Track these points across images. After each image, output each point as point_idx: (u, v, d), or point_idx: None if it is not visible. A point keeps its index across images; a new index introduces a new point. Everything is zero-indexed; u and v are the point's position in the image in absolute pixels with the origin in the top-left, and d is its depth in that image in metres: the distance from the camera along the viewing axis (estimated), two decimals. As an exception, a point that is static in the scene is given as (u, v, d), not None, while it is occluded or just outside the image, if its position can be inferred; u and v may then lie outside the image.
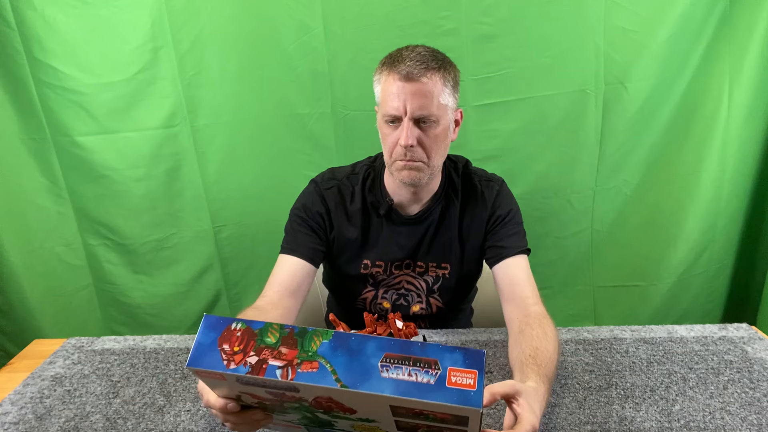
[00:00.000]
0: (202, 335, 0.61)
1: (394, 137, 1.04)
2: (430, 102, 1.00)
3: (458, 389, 0.55)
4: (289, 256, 1.12)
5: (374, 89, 1.08)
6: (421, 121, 1.02)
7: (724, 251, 1.90)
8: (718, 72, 1.70)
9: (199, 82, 1.72)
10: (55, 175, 1.79)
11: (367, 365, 0.57)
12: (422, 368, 0.57)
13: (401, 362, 0.57)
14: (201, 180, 1.83)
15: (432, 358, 0.57)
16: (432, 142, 1.04)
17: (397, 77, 1.00)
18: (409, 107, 1.00)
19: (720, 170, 1.78)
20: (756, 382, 0.96)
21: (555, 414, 0.89)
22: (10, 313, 1.88)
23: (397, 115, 1.01)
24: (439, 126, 1.03)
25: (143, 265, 1.92)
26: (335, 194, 1.17)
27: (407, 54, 1.01)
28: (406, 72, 0.99)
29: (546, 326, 0.96)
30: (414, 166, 1.05)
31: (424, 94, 1.00)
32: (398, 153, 1.04)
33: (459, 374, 0.56)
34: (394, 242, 1.17)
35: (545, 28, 1.65)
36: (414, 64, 0.99)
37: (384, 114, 1.03)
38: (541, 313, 1.01)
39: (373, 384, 0.56)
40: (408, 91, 0.99)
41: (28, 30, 1.64)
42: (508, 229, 1.16)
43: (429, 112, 1.01)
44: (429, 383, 0.56)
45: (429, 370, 0.57)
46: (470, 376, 0.56)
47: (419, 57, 1.00)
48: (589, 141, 1.77)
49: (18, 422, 0.93)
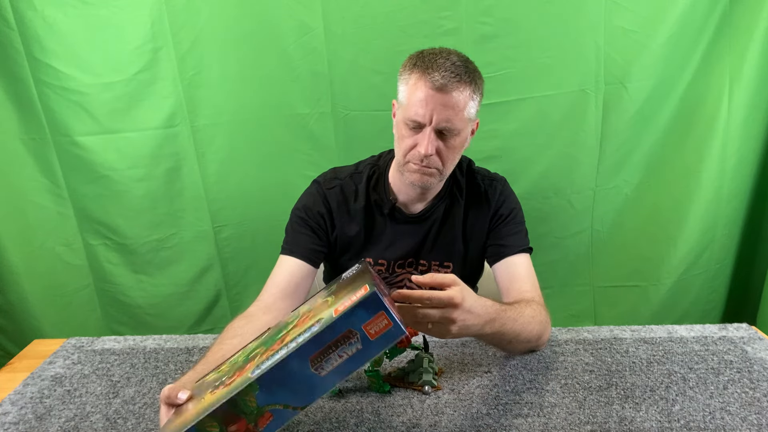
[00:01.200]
0: None
1: (412, 140, 1.03)
2: (455, 115, 0.99)
3: (381, 335, 0.61)
4: (288, 257, 1.12)
5: (398, 85, 1.06)
6: (443, 131, 1.01)
7: (724, 251, 1.90)
8: (718, 72, 1.70)
9: (199, 82, 1.72)
10: (55, 175, 1.80)
11: (305, 379, 0.62)
12: (345, 344, 0.62)
13: (327, 354, 0.62)
14: (201, 180, 1.83)
15: (345, 332, 0.62)
16: (450, 152, 1.04)
17: (429, 85, 0.98)
18: (436, 118, 0.99)
19: (720, 170, 1.78)
20: (756, 382, 0.96)
21: (555, 414, 0.89)
22: (11, 312, 1.88)
23: (421, 123, 1.01)
24: (459, 137, 1.03)
25: (143, 265, 1.92)
26: (338, 194, 1.17)
27: (441, 62, 0.99)
28: (440, 84, 0.97)
29: (536, 309, 0.99)
30: (428, 172, 1.05)
31: (452, 107, 0.99)
32: (414, 156, 1.04)
33: (372, 324, 0.62)
34: (397, 241, 1.17)
35: (545, 28, 1.65)
36: (448, 75, 0.97)
37: (407, 117, 1.02)
38: (537, 301, 1.02)
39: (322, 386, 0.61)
40: (437, 102, 0.98)
41: (29, 30, 1.64)
42: (510, 228, 1.16)
43: (453, 125, 1.00)
44: (359, 350, 0.61)
45: (351, 341, 0.62)
46: (382, 320, 0.62)
47: (454, 68, 0.98)
48: (589, 141, 1.77)
49: (18, 422, 0.93)
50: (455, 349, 1.08)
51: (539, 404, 0.91)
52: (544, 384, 0.96)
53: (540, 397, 0.93)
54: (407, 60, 1.04)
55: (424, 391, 0.94)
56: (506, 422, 0.87)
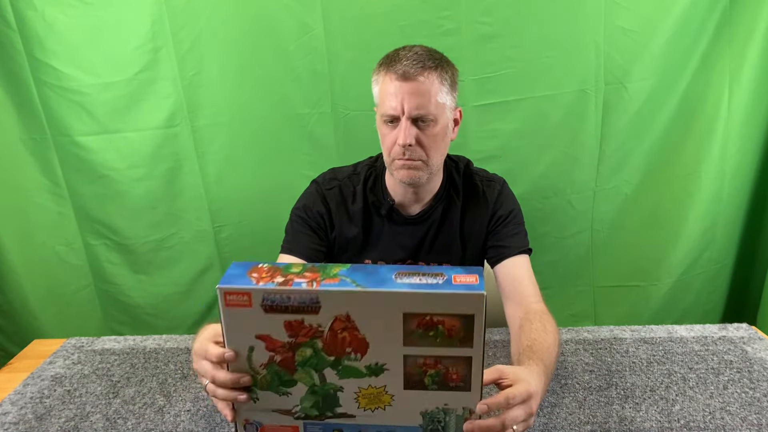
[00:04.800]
0: (232, 270, 0.67)
1: (392, 137, 1.04)
2: (427, 101, 1.00)
3: (463, 284, 0.65)
4: (288, 256, 1.12)
5: (373, 90, 1.08)
6: (419, 120, 1.02)
7: (724, 251, 1.90)
8: (718, 72, 1.70)
9: (199, 82, 1.72)
10: (55, 175, 1.80)
11: (383, 277, 0.66)
12: (431, 276, 0.67)
13: (412, 274, 0.67)
14: (201, 180, 1.83)
15: (438, 272, 0.67)
16: (430, 141, 1.04)
17: (394, 77, 1.00)
18: (407, 106, 1.00)
19: (720, 170, 1.78)
20: (756, 382, 0.96)
21: (555, 414, 0.89)
22: (11, 312, 1.88)
23: (395, 115, 1.02)
24: (438, 125, 1.03)
25: (143, 264, 1.92)
26: (336, 194, 1.17)
27: (404, 53, 1.01)
28: (402, 71, 0.99)
29: (546, 321, 0.97)
30: (413, 165, 1.05)
31: (421, 93, 1.00)
32: (397, 152, 1.04)
33: (462, 277, 0.66)
34: (395, 242, 1.17)
35: (545, 28, 1.65)
36: (411, 63, 0.99)
37: (382, 114, 1.04)
38: (541, 310, 1.01)
39: (389, 286, 0.65)
40: (405, 91, 1.00)
41: (29, 30, 1.64)
42: (510, 229, 1.16)
43: (426, 111, 1.01)
44: (438, 283, 0.65)
45: (437, 277, 0.66)
46: (472, 277, 0.66)
47: (416, 56, 1.00)
48: (589, 141, 1.77)
49: (18, 422, 0.93)
50: (455, 349, 1.08)
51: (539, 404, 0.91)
52: (544, 384, 0.96)
53: (540, 397, 0.93)
54: (376, 65, 1.07)
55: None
56: (506, 422, 0.87)
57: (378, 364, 0.69)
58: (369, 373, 0.69)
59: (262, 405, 0.72)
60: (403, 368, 0.69)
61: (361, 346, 0.68)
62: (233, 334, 0.68)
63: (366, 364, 0.69)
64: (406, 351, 0.68)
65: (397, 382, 0.70)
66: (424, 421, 0.72)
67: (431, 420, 0.71)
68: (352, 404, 0.71)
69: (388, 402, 0.71)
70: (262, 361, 0.69)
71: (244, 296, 0.65)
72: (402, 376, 0.69)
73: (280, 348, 0.68)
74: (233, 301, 0.66)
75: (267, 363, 0.69)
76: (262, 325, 0.67)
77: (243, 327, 0.67)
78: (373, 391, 0.70)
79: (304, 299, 0.65)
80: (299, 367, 0.69)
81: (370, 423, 0.72)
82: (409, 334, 0.67)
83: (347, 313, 0.66)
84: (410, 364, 0.69)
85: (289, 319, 0.66)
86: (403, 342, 0.67)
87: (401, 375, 0.69)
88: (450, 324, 0.66)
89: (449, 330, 0.66)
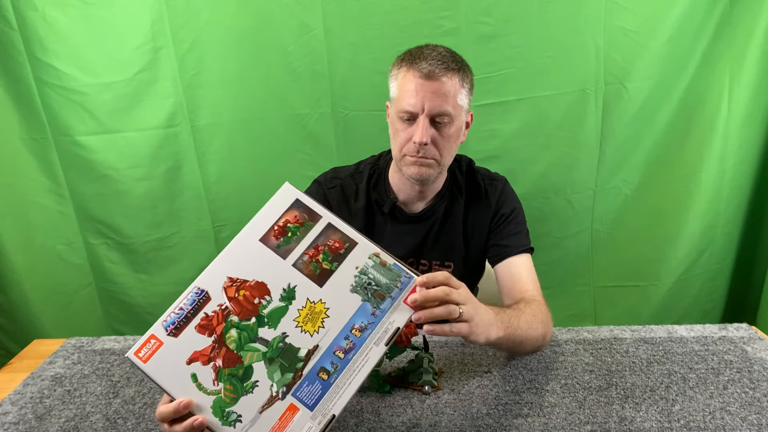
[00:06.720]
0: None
1: (407, 133, 1.04)
2: (447, 102, 1.01)
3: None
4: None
5: (389, 84, 1.08)
6: (437, 120, 1.02)
7: (724, 251, 1.90)
8: (718, 72, 1.70)
9: (199, 82, 1.72)
10: (56, 175, 1.80)
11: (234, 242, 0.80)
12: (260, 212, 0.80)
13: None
14: (201, 180, 1.83)
15: None
16: (445, 141, 1.04)
17: (417, 74, 1.00)
18: (428, 105, 1.00)
19: (720, 170, 1.78)
20: (756, 382, 0.96)
21: (555, 414, 0.89)
22: (11, 312, 1.88)
23: (413, 112, 1.02)
24: (453, 126, 1.04)
25: (144, 264, 1.92)
26: (338, 193, 1.17)
27: (428, 53, 1.01)
28: (428, 70, 0.99)
29: (536, 309, 0.99)
30: (425, 163, 1.05)
31: (443, 94, 1.00)
32: (410, 149, 1.04)
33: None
34: (398, 240, 1.17)
35: (545, 28, 1.65)
36: (435, 63, 1.00)
37: (400, 110, 1.03)
38: (538, 301, 1.02)
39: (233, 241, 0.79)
40: (427, 89, 1.00)
41: (29, 30, 1.64)
42: (511, 228, 1.16)
43: (446, 112, 1.01)
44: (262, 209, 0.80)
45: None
46: None
47: (440, 57, 1.01)
48: (589, 141, 1.77)
49: (18, 422, 0.93)
50: (455, 349, 1.08)
51: (539, 404, 0.91)
52: (544, 384, 0.96)
53: (540, 397, 0.93)
54: (396, 59, 1.07)
55: (424, 391, 0.94)
56: (506, 422, 0.87)
57: (286, 289, 0.73)
58: (287, 301, 0.72)
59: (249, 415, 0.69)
60: (302, 273, 0.73)
61: (262, 288, 0.72)
62: (169, 379, 0.69)
63: (279, 297, 0.72)
64: (290, 260, 0.73)
65: (311, 288, 0.73)
66: (361, 294, 0.74)
67: (362, 288, 0.75)
68: (305, 338, 0.72)
69: (323, 309, 0.73)
70: (211, 377, 0.69)
71: (150, 342, 0.69)
72: (309, 279, 0.73)
73: (212, 352, 0.69)
74: (146, 353, 0.69)
75: (216, 375, 0.69)
76: (182, 349, 0.69)
77: (171, 365, 0.69)
78: (305, 312, 0.72)
79: (192, 299, 0.71)
80: (240, 351, 0.70)
81: (333, 337, 0.72)
82: (277, 249, 0.75)
83: (228, 277, 0.71)
84: (302, 266, 0.74)
85: (196, 323, 0.69)
86: (282, 257, 0.73)
87: (307, 279, 0.73)
88: (292, 217, 0.77)
89: (296, 220, 0.76)
